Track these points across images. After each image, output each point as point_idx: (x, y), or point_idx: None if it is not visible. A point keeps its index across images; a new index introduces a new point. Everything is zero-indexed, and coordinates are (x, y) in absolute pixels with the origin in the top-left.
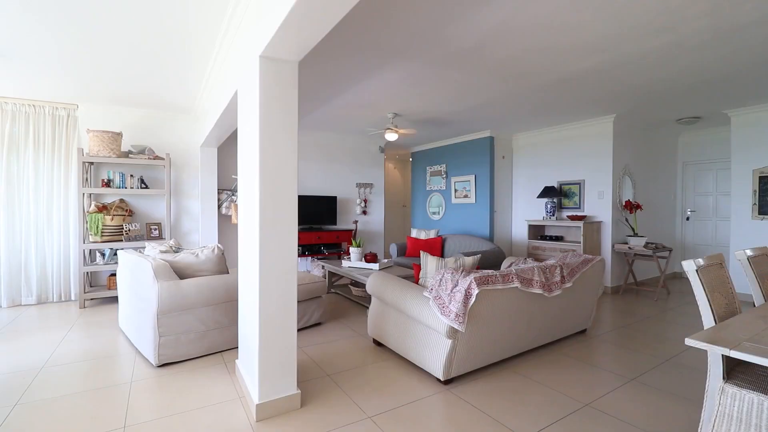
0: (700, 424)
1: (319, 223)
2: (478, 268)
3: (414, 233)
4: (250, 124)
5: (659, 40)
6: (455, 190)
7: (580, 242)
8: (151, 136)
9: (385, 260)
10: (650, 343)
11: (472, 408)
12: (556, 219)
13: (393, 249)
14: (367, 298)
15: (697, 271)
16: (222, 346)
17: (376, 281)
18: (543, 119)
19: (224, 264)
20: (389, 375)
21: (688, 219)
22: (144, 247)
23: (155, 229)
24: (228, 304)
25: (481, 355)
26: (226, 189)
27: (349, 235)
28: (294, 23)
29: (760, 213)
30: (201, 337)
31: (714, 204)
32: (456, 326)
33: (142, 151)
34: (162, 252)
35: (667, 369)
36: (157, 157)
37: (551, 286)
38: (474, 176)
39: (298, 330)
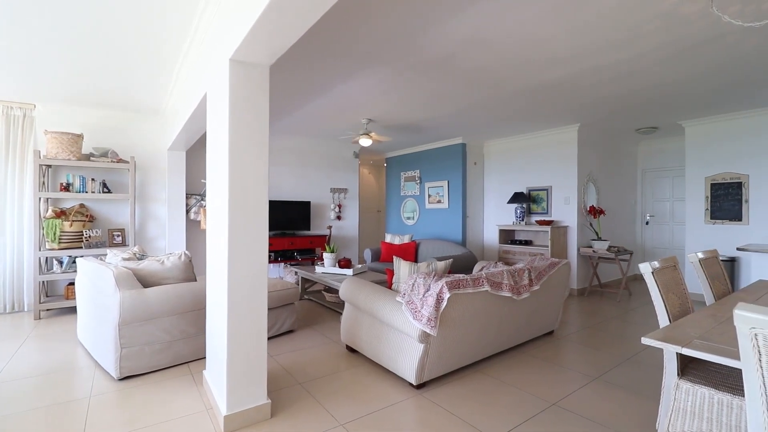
0: (658, 418)
1: (292, 228)
2: (450, 273)
3: (388, 238)
4: (220, 128)
5: (619, 54)
6: (429, 196)
7: (548, 246)
8: (115, 138)
9: (359, 266)
10: (613, 343)
11: (444, 411)
12: (526, 224)
13: (367, 254)
14: (341, 304)
15: (652, 273)
16: (189, 357)
17: (349, 287)
18: (513, 127)
19: (192, 271)
20: (362, 381)
21: (647, 223)
22: (105, 255)
23: (118, 236)
24: (195, 313)
25: (452, 358)
26: (195, 194)
27: (323, 241)
28: (265, 27)
29: (712, 218)
30: (166, 348)
31: (671, 209)
32: (428, 330)
33: (104, 154)
34: (125, 259)
35: (629, 367)
36: (120, 160)
37: (520, 290)
38: (447, 182)
39: (270, 338)
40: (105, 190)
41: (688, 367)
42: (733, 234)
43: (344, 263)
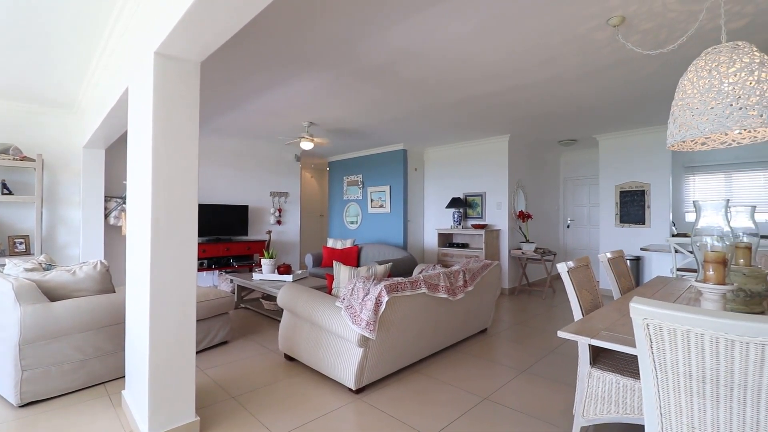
0: (575, 404)
1: (228, 233)
2: (390, 276)
3: (330, 243)
4: (142, 127)
5: (542, 72)
6: (371, 200)
7: (482, 249)
8: (18, 133)
9: (300, 271)
10: (538, 337)
11: (381, 414)
12: (462, 228)
13: (308, 259)
14: (280, 312)
15: (568, 272)
16: (105, 376)
17: (287, 293)
18: (450, 135)
19: (109, 282)
20: (301, 390)
21: (568, 227)
22: (4, 265)
23: (21, 243)
24: (113, 328)
25: (391, 360)
26: (116, 196)
27: (262, 247)
28: (195, 21)
29: (621, 221)
30: (78, 368)
31: (588, 214)
32: (367, 334)
33: (4, 151)
34: (28, 270)
35: (552, 358)
36: (25, 158)
37: (455, 291)
38: (389, 187)
39: (200, 351)
40: (5, 191)
41: (599, 356)
42: (638, 236)
43: (284, 269)
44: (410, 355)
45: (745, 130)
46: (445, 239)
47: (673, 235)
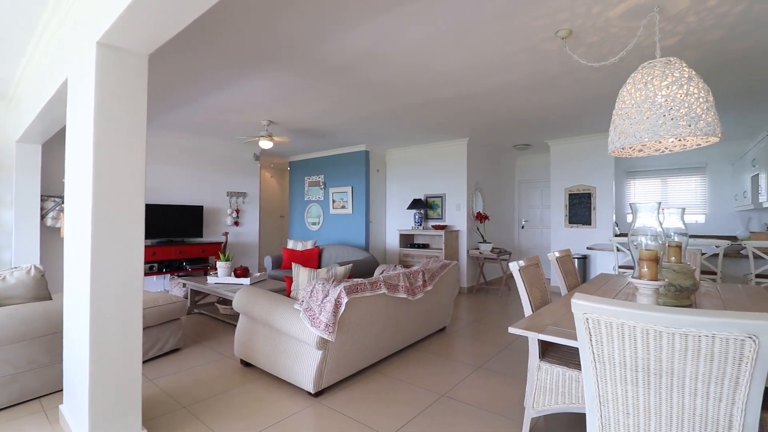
0: (525, 397)
1: (181, 235)
2: (350, 277)
3: (290, 244)
4: (83, 122)
5: (497, 79)
6: (333, 201)
7: (442, 249)
8: None
9: (258, 274)
10: (494, 334)
11: (340, 416)
12: (423, 228)
13: (268, 262)
14: (236, 317)
15: (519, 270)
16: (41, 391)
17: (243, 297)
18: (412, 137)
19: (45, 288)
20: (257, 396)
21: (523, 227)
22: None
23: None
24: (49, 338)
25: (351, 362)
26: (54, 195)
27: (218, 249)
28: (143, 10)
29: (570, 222)
30: (9, 382)
31: (540, 215)
32: (326, 336)
33: None
34: None
35: (506, 354)
36: None
37: (415, 290)
38: (351, 188)
39: (149, 359)
40: None
41: (548, 350)
42: (585, 235)
43: (241, 272)
44: (370, 356)
45: (676, 138)
46: (407, 240)
47: (616, 235)
